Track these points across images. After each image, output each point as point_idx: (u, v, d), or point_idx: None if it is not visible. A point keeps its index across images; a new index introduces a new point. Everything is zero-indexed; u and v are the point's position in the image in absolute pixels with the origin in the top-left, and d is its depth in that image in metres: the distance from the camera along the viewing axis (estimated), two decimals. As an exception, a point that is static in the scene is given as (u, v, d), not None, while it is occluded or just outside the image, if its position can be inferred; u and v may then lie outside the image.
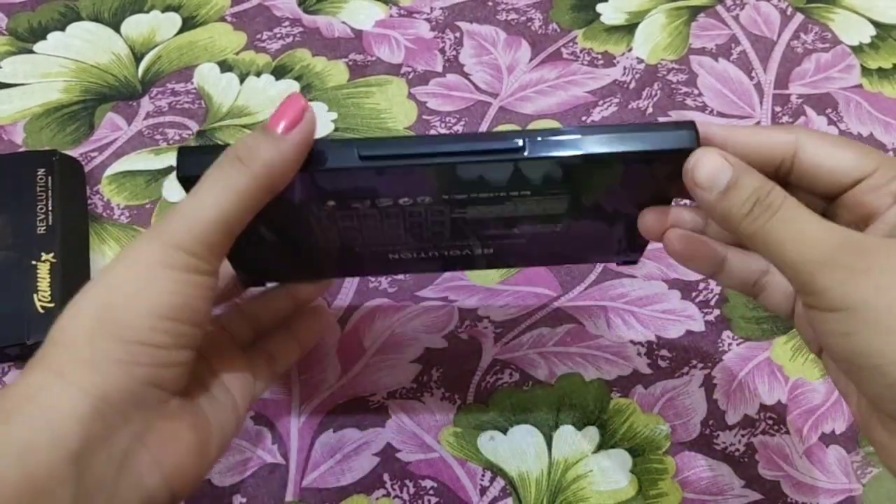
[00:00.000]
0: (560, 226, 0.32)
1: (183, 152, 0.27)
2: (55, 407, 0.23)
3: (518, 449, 0.40)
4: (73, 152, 0.48)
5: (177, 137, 0.49)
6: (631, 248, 0.34)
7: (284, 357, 0.35)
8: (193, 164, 0.27)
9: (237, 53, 0.53)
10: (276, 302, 0.35)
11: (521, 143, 0.27)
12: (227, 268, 0.33)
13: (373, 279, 0.44)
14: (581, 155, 0.27)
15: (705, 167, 0.26)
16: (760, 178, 0.26)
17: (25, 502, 0.22)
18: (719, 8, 0.58)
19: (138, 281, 0.25)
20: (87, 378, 0.23)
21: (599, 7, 0.58)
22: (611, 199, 0.30)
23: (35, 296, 0.40)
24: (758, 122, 0.52)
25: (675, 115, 0.52)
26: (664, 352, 0.43)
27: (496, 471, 0.40)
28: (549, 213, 0.30)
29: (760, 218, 0.25)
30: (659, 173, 0.28)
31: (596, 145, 0.27)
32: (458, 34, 0.55)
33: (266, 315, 0.35)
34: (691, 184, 0.27)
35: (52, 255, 0.41)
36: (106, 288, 0.25)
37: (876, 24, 0.58)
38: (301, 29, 0.55)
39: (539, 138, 0.27)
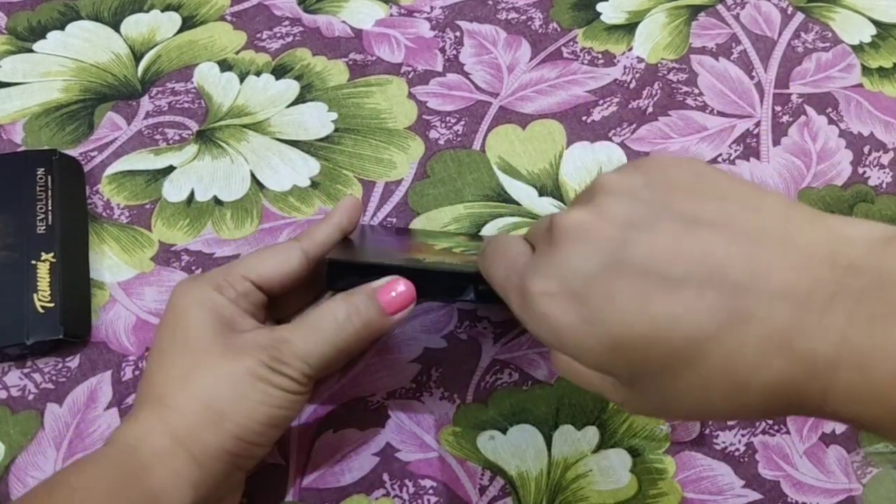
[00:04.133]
0: None
1: (334, 266, 0.35)
2: (179, 472, 0.30)
3: (518, 448, 0.40)
4: (73, 152, 0.48)
5: (176, 137, 0.49)
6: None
7: None
8: (343, 280, 0.35)
9: (237, 53, 0.53)
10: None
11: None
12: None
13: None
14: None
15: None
16: None
17: None
18: (720, 7, 0.58)
19: (261, 396, 0.32)
20: (203, 458, 0.31)
21: (600, 6, 0.58)
22: None
23: (35, 296, 0.40)
24: (758, 122, 0.52)
25: (676, 115, 0.52)
26: (664, 352, 0.43)
27: (496, 470, 0.40)
28: None
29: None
30: None
31: None
32: (458, 33, 0.55)
33: None
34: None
35: (51, 254, 0.41)
36: (230, 394, 0.32)
37: (876, 23, 0.58)
38: (301, 28, 0.55)
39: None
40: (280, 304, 0.38)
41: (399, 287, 0.34)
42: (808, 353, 0.22)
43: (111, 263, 0.44)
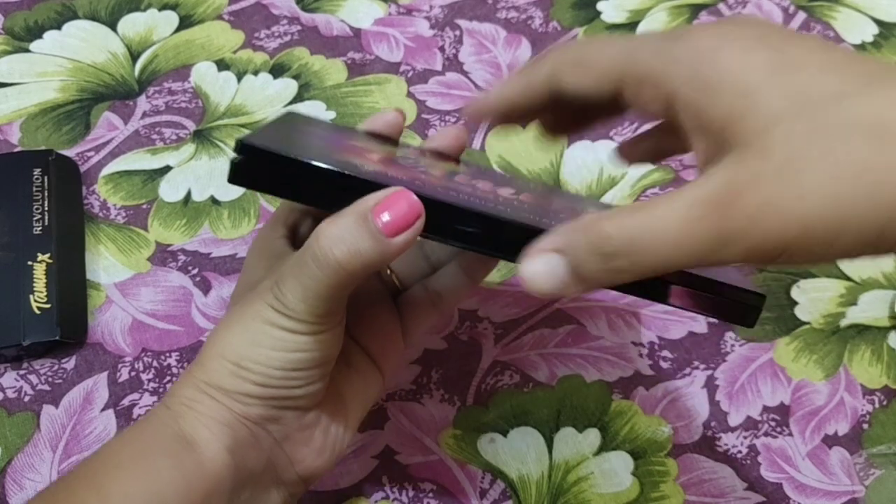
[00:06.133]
0: None
1: (250, 153, 0.26)
2: (209, 415, 0.28)
3: (518, 451, 0.40)
4: (70, 152, 0.47)
5: (174, 137, 0.49)
6: None
7: (454, 294, 0.35)
8: (256, 177, 0.27)
9: (234, 52, 0.53)
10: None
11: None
12: None
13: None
14: None
15: (536, 278, 0.24)
16: (578, 228, 0.24)
17: (195, 481, 0.27)
18: (721, 6, 0.58)
19: (270, 340, 0.28)
20: (232, 403, 0.29)
21: (600, 5, 0.58)
22: None
23: (31, 296, 0.40)
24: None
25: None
26: (666, 353, 0.43)
27: (496, 473, 0.39)
28: None
29: (619, 259, 0.23)
30: None
31: None
32: (457, 32, 0.55)
33: (443, 252, 0.36)
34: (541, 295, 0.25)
35: (48, 255, 0.41)
36: (243, 342, 0.29)
37: (878, 22, 0.58)
38: (299, 27, 0.54)
39: None
40: None
41: (401, 201, 0.26)
42: None
43: (107, 264, 0.44)
